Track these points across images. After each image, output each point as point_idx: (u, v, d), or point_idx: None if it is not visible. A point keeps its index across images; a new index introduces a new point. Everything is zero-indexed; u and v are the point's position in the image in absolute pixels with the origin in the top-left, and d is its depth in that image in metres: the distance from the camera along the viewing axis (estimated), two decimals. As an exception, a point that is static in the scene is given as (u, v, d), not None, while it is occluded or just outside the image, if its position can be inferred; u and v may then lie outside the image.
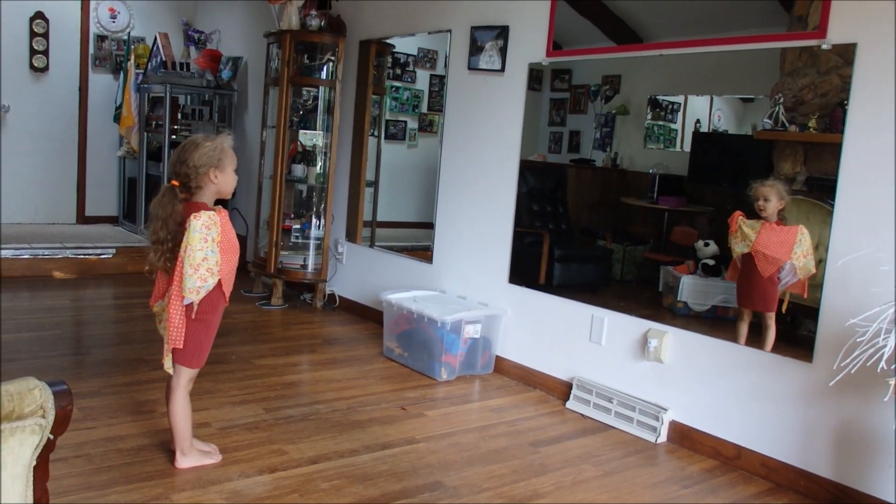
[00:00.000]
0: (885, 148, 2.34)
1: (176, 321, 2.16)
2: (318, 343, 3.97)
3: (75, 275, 5.02)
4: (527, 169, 3.53)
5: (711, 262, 2.94)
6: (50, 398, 1.22)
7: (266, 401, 2.97)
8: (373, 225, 4.69)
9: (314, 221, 4.68)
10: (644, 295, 3.22)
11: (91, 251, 5.13)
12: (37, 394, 1.21)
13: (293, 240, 4.73)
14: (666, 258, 3.14)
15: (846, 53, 2.40)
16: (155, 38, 5.79)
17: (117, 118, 6.22)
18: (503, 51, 3.57)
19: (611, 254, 3.38)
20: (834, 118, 2.45)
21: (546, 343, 3.42)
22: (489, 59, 3.62)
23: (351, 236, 4.68)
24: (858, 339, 2.08)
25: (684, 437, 2.87)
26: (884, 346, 2.00)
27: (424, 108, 5.12)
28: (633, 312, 3.08)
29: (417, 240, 4.39)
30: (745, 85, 2.89)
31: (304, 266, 4.66)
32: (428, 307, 3.51)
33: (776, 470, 2.60)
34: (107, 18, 6.31)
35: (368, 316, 4.45)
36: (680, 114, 3.11)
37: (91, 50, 6.27)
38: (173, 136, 5.57)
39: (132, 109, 5.94)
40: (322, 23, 4.49)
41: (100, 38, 6.30)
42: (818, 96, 2.49)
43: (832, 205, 2.45)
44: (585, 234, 3.63)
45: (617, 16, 3.19)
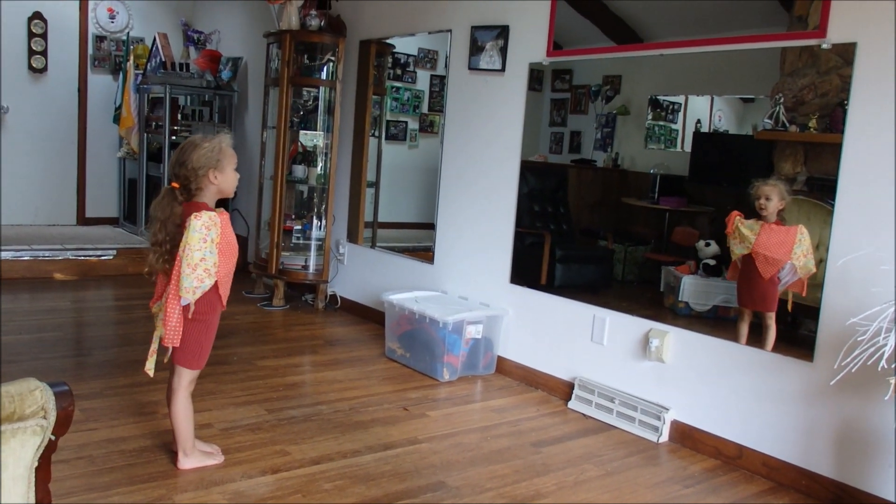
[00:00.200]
0: (885, 147, 2.34)
1: (173, 321, 2.15)
2: (320, 344, 3.97)
3: (76, 276, 5.02)
4: (528, 169, 3.53)
5: (712, 263, 2.94)
6: (51, 399, 1.22)
7: (268, 402, 2.97)
8: (374, 226, 4.69)
9: (315, 222, 4.67)
10: (645, 295, 3.22)
11: (91, 252, 5.13)
12: (38, 395, 1.21)
13: (294, 241, 4.73)
14: (667, 258, 3.14)
15: (846, 53, 2.41)
16: (154, 39, 5.77)
17: (117, 119, 6.21)
18: (503, 51, 3.57)
19: (612, 254, 3.38)
20: (834, 118, 2.46)
21: (548, 343, 3.43)
22: (489, 59, 3.62)
23: (352, 237, 4.69)
24: (859, 339, 2.09)
25: (686, 437, 2.87)
26: (884, 346, 2.01)
27: (425, 109, 5.12)
28: (635, 313, 3.08)
29: (418, 240, 4.38)
30: (746, 85, 2.89)
31: (306, 267, 4.66)
32: (429, 308, 3.51)
33: (777, 469, 2.60)
34: (105, 19, 6.30)
35: (370, 317, 4.45)
36: (680, 114, 3.11)
37: (90, 50, 6.25)
38: (173, 137, 5.56)
39: (132, 110, 5.93)
40: (322, 23, 4.49)
41: (99, 39, 6.28)
42: (818, 96, 2.49)
43: (832, 205, 2.45)
44: (586, 235, 3.63)
45: (617, 16, 3.19)
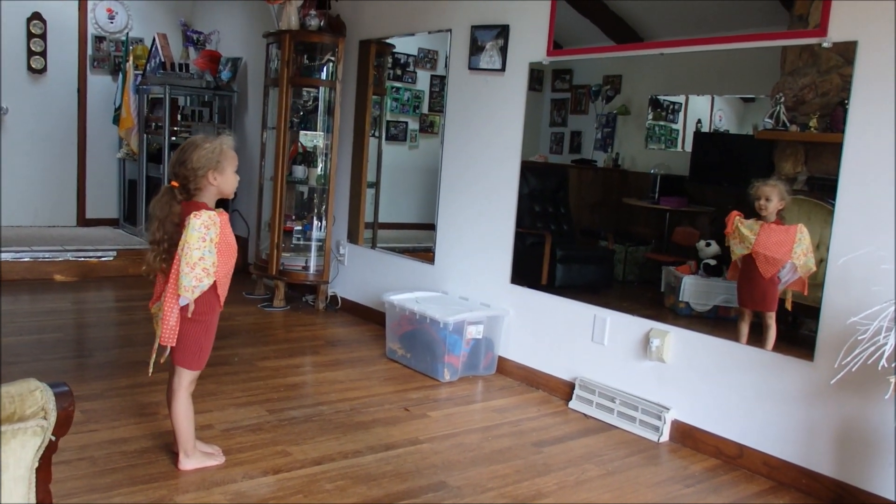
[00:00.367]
0: (886, 146, 2.34)
1: (171, 321, 2.14)
2: (321, 345, 3.97)
3: (76, 277, 5.01)
4: (528, 170, 3.53)
5: (713, 262, 2.94)
6: (51, 399, 1.22)
7: (269, 402, 2.97)
8: (374, 226, 4.69)
9: (315, 223, 4.67)
10: (646, 295, 3.22)
11: (92, 254, 5.13)
12: (38, 395, 1.20)
13: (295, 241, 4.72)
14: (668, 258, 3.14)
15: (847, 52, 2.41)
16: (153, 39, 5.76)
17: (116, 120, 6.21)
18: (504, 50, 3.57)
19: (612, 254, 3.38)
20: (835, 118, 2.46)
21: (548, 343, 3.43)
22: (490, 59, 3.62)
23: (352, 237, 4.69)
24: (860, 338, 2.09)
25: (686, 437, 2.87)
26: (884, 345, 2.01)
27: (425, 109, 5.11)
28: (635, 313, 3.08)
29: (419, 241, 4.38)
30: (746, 85, 2.89)
31: (306, 268, 4.66)
32: (430, 308, 3.51)
33: (778, 468, 2.60)
34: (105, 19, 6.29)
35: (371, 317, 4.45)
36: (681, 114, 3.11)
37: (89, 51, 6.25)
38: (173, 138, 5.56)
39: (131, 111, 5.93)
40: (321, 23, 4.48)
41: (98, 39, 6.28)
42: (819, 96, 2.49)
43: (833, 204, 2.45)
44: (587, 235, 3.63)
45: (617, 15, 3.19)
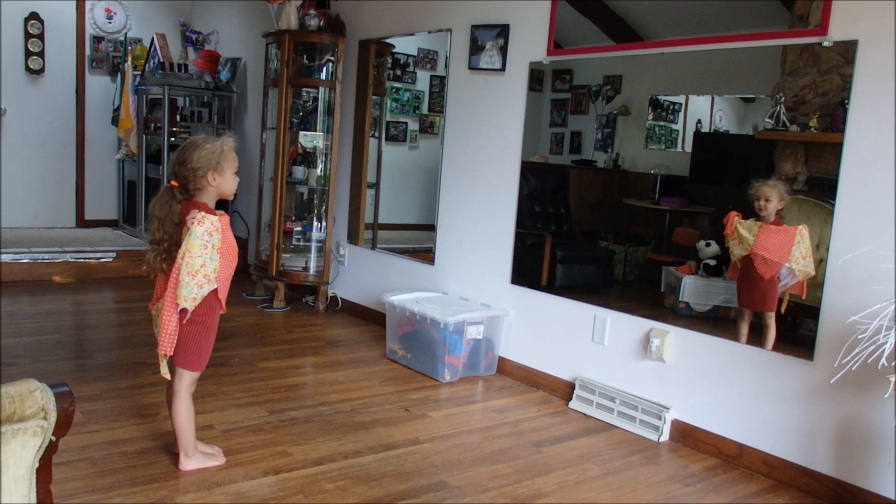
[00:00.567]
0: (887, 144, 2.34)
1: (169, 328, 2.14)
2: (321, 345, 3.97)
3: (75, 279, 5.01)
4: (528, 170, 3.53)
5: (713, 263, 2.95)
6: (51, 400, 1.21)
7: (269, 403, 2.97)
8: (374, 227, 4.69)
9: (315, 224, 4.67)
10: (646, 296, 3.22)
11: (91, 255, 5.12)
12: (38, 395, 1.20)
13: (295, 242, 4.72)
14: (667, 259, 3.15)
15: (847, 52, 2.41)
16: (152, 39, 5.76)
17: (115, 120, 6.20)
18: (504, 50, 3.57)
19: (613, 255, 3.39)
20: (835, 117, 2.46)
21: (548, 344, 3.43)
22: (490, 59, 3.62)
23: (352, 238, 4.68)
24: (859, 337, 2.09)
25: (686, 436, 2.87)
26: (884, 343, 2.01)
27: (425, 110, 5.11)
28: (635, 313, 3.08)
29: (419, 241, 4.38)
30: (746, 85, 2.90)
31: (306, 268, 4.66)
32: (430, 308, 3.51)
33: (777, 467, 2.60)
34: (103, 19, 6.28)
35: (371, 318, 4.45)
36: (681, 114, 3.11)
37: (87, 51, 6.24)
38: (172, 139, 5.55)
39: (130, 111, 5.92)
40: (321, 22, 4.48)
41: (96, 40, 6.27)
42: (819, 95, 2.50)
43: (833, 204, 2.45)
44: (587, 236, 3.64)
45: (617, 15, 3.19)
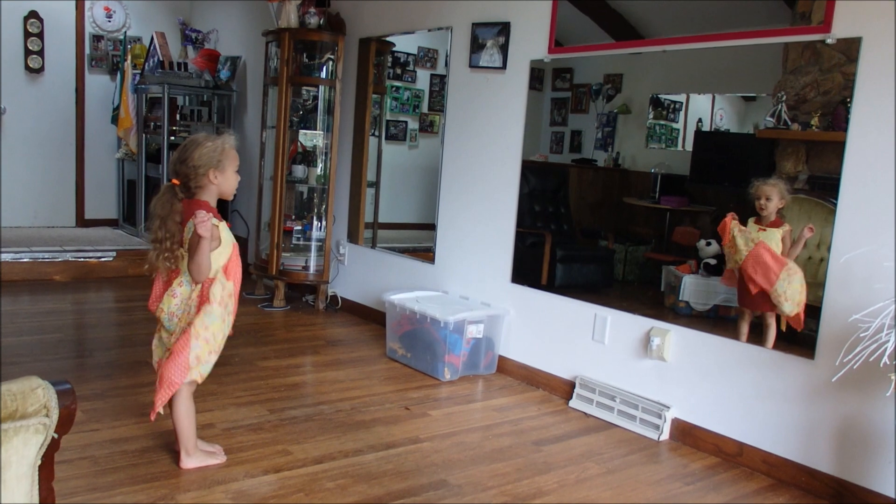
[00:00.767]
0: (889, 142, 2.33)
1: (166, 394, 2.20)
2: (321, 344, 3.97)
3: (76, 278, 5.01)
4: (528, 169, 3.53)
5: (713, 262, 2.94)
6: (53, 397, 1.21)
7: (270, 402, 2.97)
8: (374, 226, 4.69)
9: (315, 223, 4.67)
10: (646, 295, 3.22)
11: (91, 254, 5.12)
12: (40, 393, 1.20)
13: (295, 241, 4.72)
14: (668, 258, 3.15)
15: (849, 50, 2.41)
16: (152, 38, 5.76)
17: (115, 119, 6.20)
18: (504, 48, 3.56)
19: (613, 254, 3.38)
20: (836, 116, 2.46)
21: (549, 342, 3.43)
22: (490, 57, 3.61)
23: (353, 237, 4.68)
24: (861, 335, 2.09)
25: (687, 435, 2.87)
26: (886, 342, 2.01)
27: (425, 109, 5.11)
28: (636, 312, 3.08)
29: (419, 241, 4.38)
30: (748, 83, 2.90)
31: (306, 268, 4.66)
32: (430, 308, 3.51)
33: (777, 466, 2.60)
34: (102, 18, 6.27)
35: (371, 317, 4.45)
36: (682, 113, 3.11)
37: (87, 50, 6.23)
38: (172, 138, 5.55)
39: (130, 110, 5.92)
40: (321, 21, 4.47)
41: (95, 38, 6.26)
42: (821, 94, 2.50)
43: (834, 203, 2.45)
44: (587, 235, 3.63)
45: (618, 13, 3.19)
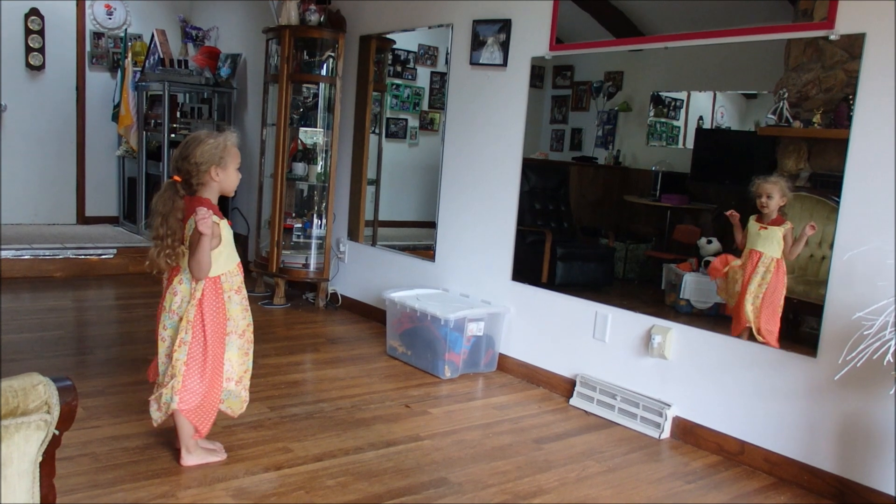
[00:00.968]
0: (893, 139, 2.32)
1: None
2: (322, 342, 3.97)
3: (76, 275, 5.00)
4: (529, 167, 3.52)
5: (714, 260, 2.94)
6: (54, 394, 1.21)
7: (270, 399, 2.97)
8: (374, 224, 4.68)
9: (316, 220, 4.66)
10: (646, 293, 3.22)
11: (92, 251, 5.12)
12: (41, 389, 1.20)
13: (295, 239, 4.72)
14: (668, 256, 3.14)
15: (852, 48, 2.40)
16: (152, 35, 5.75)
17: (115, 117, 6.20)
18: (505, 45, 3.55)
19: (613, 252, 3.38)
20: (838, 113, 2.45)
21: (549, 340, 3.42)
22: (491, 54, 3.61)
23: (353, 235, 4.68)
24: (865, 333, 2.08)
25: (688, 433, 2.87)
26: (890, 340, 2.01)
27: (425, 106, 5.11)
28: (636, 311, 3.08)
29: (419, 238, 4.38)
30: (749, 80, 2.89)
31: (307, 265, 4.65)
32: (431, 305, 3.50)
33: (779, 465, 2.60)
34: (103, 15, 6.27)
35: (371, 315, 4.44)
36: (683, 110, 3.10)
37: (87, 47, 6.23)
38: (172, 135, 5.54)
39: (130, 108, 5.91)
40: (321, 18, 4.46)
41: (96, 36, 6.26)
42: (823, 91, 2.49)
43: (836, 201, 2.45)
44: (588, 233, 3.63)
45: (619, 11, 3.18)
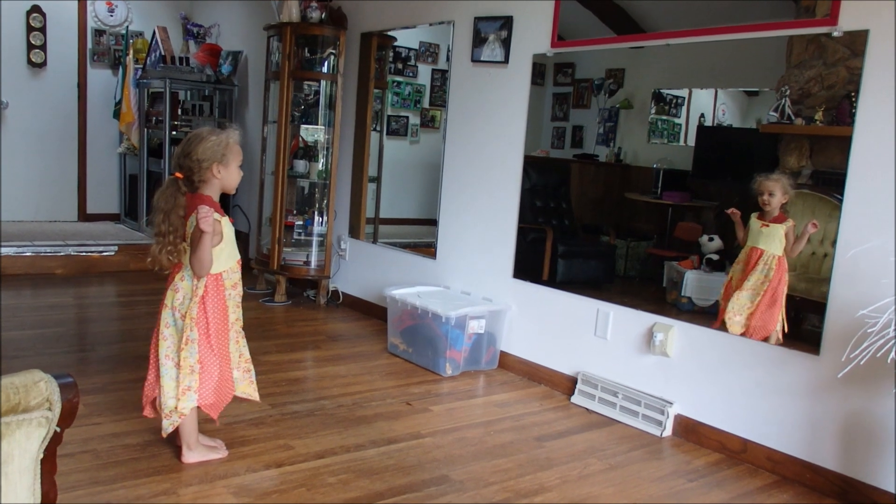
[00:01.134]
0: None
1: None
2: (323, 339, 3.96)
3: (77, 272, 5.00)
4: (530, 164, 3.52)
5: (716, 258, 2.94)
6: (56, 391, 1.21)
7: (271, 396, 2.96)
8: (375, 221, 4.68)
9: (317, 218, 4.66)
10: (648, 291, 3.21)
11: (93, 248, 5.12)
12: (42, 386, 1.19)
13: (296, 236, 4.71)
14: (670, 254, 3.14)
15: (854, 44, 2.39)
16: (153, 33, 5.75)
17: (117, 114, 6.20)
18: (507, 42, 3.54)
19: (614, 250, 3.38)
20: (841, 111, 2.44)
21: (551, 338, 3.42)
22: (492, 51, 3.60)
23: (354, 232, 4.67)
24: (868, 331, 2.08)
25: (690, 431, 2.87)
26: (893, 338, 2.00)
27: (426, 104, 5.10)
28: (638, 308, 3.07)
29: (420, 236, 4.38)
30: (751, 78, 2.88)
31: (308, 263, 4.65)
32: (432, 303, 3.50)
33: (781, 463, 2.60)
34: (104, 12, 6.27)
35: (372, 312, 4.44)
36: (684, 108, 3.10)
37: (89, 45, 6.23)
38: (174, 133, 5.54)
39: (132, 105, 5.91)
40: (322, 15, 4.46)
41: (98, 33, 6.26)
42: (825, 88, 2.48)
43: (838, 198, 2.44)
44: (589, 230, 3.63)
45: (621, 8, 3.17)
